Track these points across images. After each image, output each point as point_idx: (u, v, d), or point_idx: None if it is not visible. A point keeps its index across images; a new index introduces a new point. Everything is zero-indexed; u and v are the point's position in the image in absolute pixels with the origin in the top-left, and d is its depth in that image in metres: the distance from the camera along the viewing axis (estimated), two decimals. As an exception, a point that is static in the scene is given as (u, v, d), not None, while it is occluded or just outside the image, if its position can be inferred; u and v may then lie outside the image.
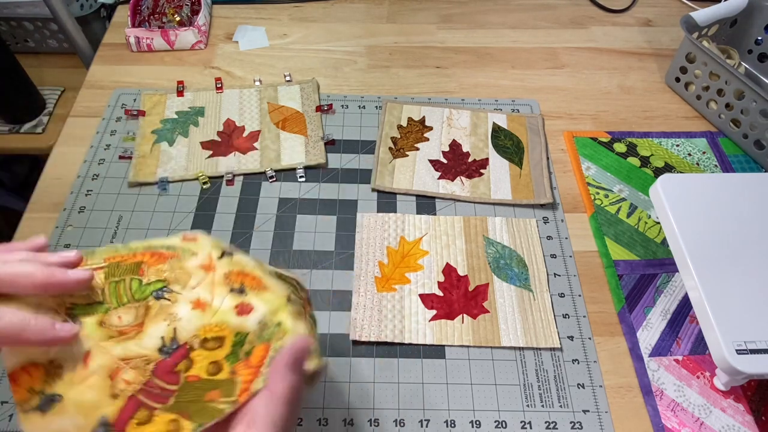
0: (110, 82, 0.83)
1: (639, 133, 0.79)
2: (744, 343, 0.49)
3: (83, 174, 0.71)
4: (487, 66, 0.88)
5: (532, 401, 0.55)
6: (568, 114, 0.81)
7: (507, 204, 0.70)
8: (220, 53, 0.88)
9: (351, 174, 0.73)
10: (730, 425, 0.54)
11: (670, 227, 0.57)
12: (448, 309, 0.61)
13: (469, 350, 0.58)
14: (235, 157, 0.74)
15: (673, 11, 0.99)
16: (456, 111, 0.80)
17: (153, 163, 0.72)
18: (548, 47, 0.92)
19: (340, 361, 0.57)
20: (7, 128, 1.03)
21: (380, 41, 0.91)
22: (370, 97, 0.82)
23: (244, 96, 0.81)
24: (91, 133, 0.76)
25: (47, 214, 0.67)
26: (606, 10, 0.99)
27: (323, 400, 0.55)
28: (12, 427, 0.52)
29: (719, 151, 0.77)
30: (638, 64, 0.89)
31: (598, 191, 0.72)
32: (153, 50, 0.87)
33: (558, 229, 0.68)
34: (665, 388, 0.56)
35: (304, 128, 0.77)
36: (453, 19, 0.96)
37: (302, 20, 0.95)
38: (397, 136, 0.76)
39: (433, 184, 0.71)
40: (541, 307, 0.61)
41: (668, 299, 0.62)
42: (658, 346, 0.59)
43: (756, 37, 0.85)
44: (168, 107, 0.79)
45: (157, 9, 0.91)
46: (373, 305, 0.60)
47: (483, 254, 0.65)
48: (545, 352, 0.58)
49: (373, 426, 0.53)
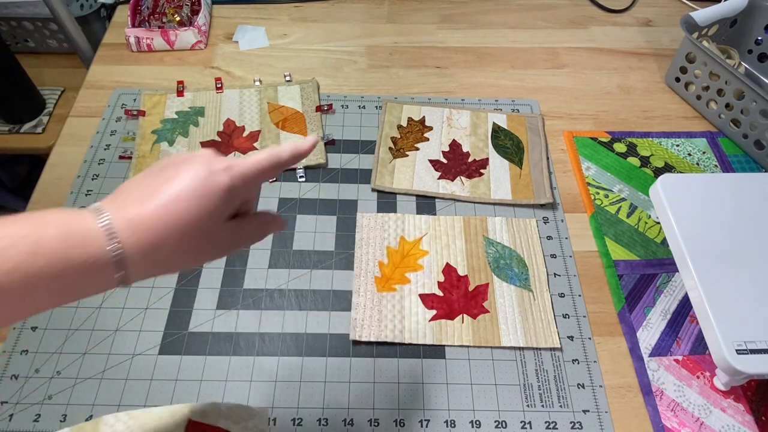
0: (110, 82, 0.83)
1: (639, 133, 0.79)
2: (744, 343, 0.49)
3: (83, 174, 0.71)
4: (487, 66, 0.88)
5: (532, 401, 0.55)
6: (568, 114, 0.81)
7: (507, 204, 0.70)
8: (220, 53, 0.88)
9: (351, 174, 0.73)
10: (730, 425, 0.54)
11: (670, 227, 0.57)
12: (448, 309, 0.61)
13: (469, 350, 0.58)
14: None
15: (673, 11, 0.99)
16: (456, 111, 0.80)
17: (153, 163, 0.72)
18: (548, 47, 0.92)
19: (340, 361, 0.57)
20: (7, 128, 1.03)
21: (380, 41, 0.91)
22: (370, 97, 0.82)
23: (244, 96, 0.81)
24: (91, 133, 0.76)
25: (47, 214, 0.67)
26: (606, 10, 0.99)
27: (323, 400, 0.55)
28: (12, 427, 0.52)
29: (719, 151, 0.77)
30: (638, 64, 0.89)
31: (598, 191, 0.72)
32: (153, 50, 0.88)
33: (558, 229, 0.68)
34: (665, 388, 0.56)
35: (304, 128, 0.77)
36: (453, 19, 0.96)
37: (302, 20, 0.95)
38: (397, 136, 0.76)
39: (433, 184, 0.71)
40: (541, 307, 0.61)
41: (668, 299, 0.62)
42: (658, 346, 0.59)
43: (756, 37, 0.85)
44: (168, 107, 0.79)
45: (157, 9, 0.91)
46: (373, 305, 0.60)
47: (483, 254, 0.65)
48: (545, 352, 0.58)
49: (373, 426, 0.53)
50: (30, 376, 0.55)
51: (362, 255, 0.65)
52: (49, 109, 1.06)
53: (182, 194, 0.34)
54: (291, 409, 0.54)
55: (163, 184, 0.34)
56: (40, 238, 0.29)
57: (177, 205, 0.33)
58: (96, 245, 0.31)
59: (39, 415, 0.53)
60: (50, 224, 0.30)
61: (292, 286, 0.63)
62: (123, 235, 0.32)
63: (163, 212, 0.33)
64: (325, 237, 0.67)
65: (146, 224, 0.32)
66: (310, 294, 0.62)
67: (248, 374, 0.56)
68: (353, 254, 0.65)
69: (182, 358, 0.57)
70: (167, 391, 0.55)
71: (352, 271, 0.64)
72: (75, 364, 0.56)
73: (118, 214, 0.32)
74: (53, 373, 0.55)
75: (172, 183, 0.34)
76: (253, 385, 0.56)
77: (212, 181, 0.35)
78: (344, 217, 0.68)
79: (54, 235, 0.30)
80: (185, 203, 0.34)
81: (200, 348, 0.58)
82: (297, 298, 0.62)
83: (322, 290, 0.62)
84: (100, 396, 0.54)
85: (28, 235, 0.29)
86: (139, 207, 0.33)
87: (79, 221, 0.31)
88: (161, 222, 0.33)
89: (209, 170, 0.35)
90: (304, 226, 0.68)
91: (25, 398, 0.54)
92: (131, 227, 0.32)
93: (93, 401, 0.54)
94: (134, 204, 0.33)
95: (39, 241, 0.29)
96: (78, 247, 0.30)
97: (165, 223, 0.33)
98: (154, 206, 0.33)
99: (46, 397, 0.54)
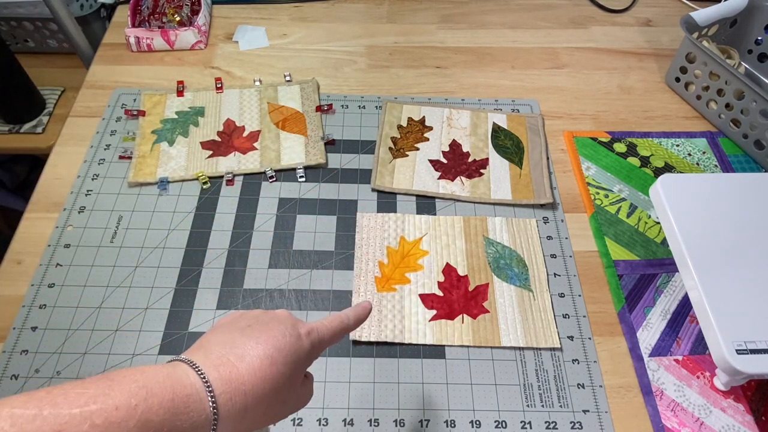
0: (110, 82, 0.83)
1: (639, 133, 0.79)
2: (744, 343, 0.49)
3: (83, 174, 0.71)
4: (487, 66, 0.88)
5: (532, 401, 0.55)
6: (568, 114, 0.81)
7: (507, 204, 0.70)
8: (220, 53, 0.88)
9: (351, 174, 0.73)
10: (730, 425, 0.54)
11: (670, 227, 0.57)
12: (448, 309, 0.61)
13: (469, 350, 0.58)
14: (235, 157, 0.74)
15: (673, 11, 0.99)
16: (456, 111, 0.80)
17: (153, 163, 0.72)
18: (548, 47, 0.92)
19: (340, 361, 0.57)
20: (7, 128, 1.03)
21: (380, 41, 0.91)
22: (370, 97, 0.82)
23: (244, 96, 0.81)
24: (91, 133, 0.76)
25: (47, 214, 0.67)
26: (606, 10, 0.99)
27: (323, 400, 0.55)
28: (12, 427, 0.52)
29: (719, 151, 0.77)
30: (638, 64, 0.89)
31: (598, 191, 0.72)
32: (153, 50, 0.87)
33: (558, 229, 0.68)
34: (665, 388, 0.56)
35: (304, 128, 0.77)
36: (453, 19, 0.96)
37: (302, 20, 0.95)
38: (397, 136, 0.76)
39: (433, 184, 0.71)
40: (541, 307, 0.61)
41: (668, 299, 0.62)
42: (658, 346, 0.59)
43: (756, 37, 0.85)
44: (168, 107, 0.79)
45: (157, 9, 0.91)
46: (373, 305, 0.60)
47: (483, 254, 0.65)
48: (545, 352, 0.58)
49: (373, 426, 0.53)
50: (30, 376, 0.55)
51: (362, 255, 0.65)
52: (49, 109, 1.06)
53: (276, 360, 0.34)
54: (291, 409, 0.54)
55: (254, 346, 0.34)
56: (149, 409, 0.28)
57: (271, 371, 0.34)
58: (200, 407, 0.30)
59: (39, 415, 0.53)
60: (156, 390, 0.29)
61: (292, 286, 0.63)
62: (221, 400, 0.31)
63: (257, 378, 0.33)
64: (325, 237, 0.67)
65: (242, 390, 0.32)
66: (310, 294, 0.62)
67: (248, 374, 0.56)
68: (353, 254, 0.65)
69: (182, 358, 0.57)
70: (167, 391, 0.55)
71: (352, 271, 0.64)
72: (75, 364, 0.56)
73: (215, 374, 0.32)
74: (53, 373, 0.55)
75: (264, 345, 0.34)
76: (253, 385, 0.55)
77: (299, 346, 0.36)
78: (344, 217, 0.68)
79: (161, 402, 0.29)
80: (278, 368, 0.34)
81: (200, 348, 0.58)
82: (297, 298, 0.62)
83: (322, 290, 0.62)
84: (100, 396, 0.54)
85: (138, 405, 0.28)
86: (235, 369, 0.32)
87: (181, 385, 0.30)
88: (255, 388, 0.33)
89: (296, 334, 0.36)
90: (304, 226, 0.68)
91: (25, 398, 0.54)
92: (228, 394, 0.32)
93: (93, 401, 0.54)
94: (228, 366, 0.32)
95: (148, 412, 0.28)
96: (184, 413, 0.29)
97: (258, 389, 0.33)
98: (248, 369, 0.33)
99: (46, 397, 0.54)
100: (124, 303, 0.61)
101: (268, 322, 0.36)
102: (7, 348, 0.57)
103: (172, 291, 0.62)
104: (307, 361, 0.37)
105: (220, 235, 0.66)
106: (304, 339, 0.37)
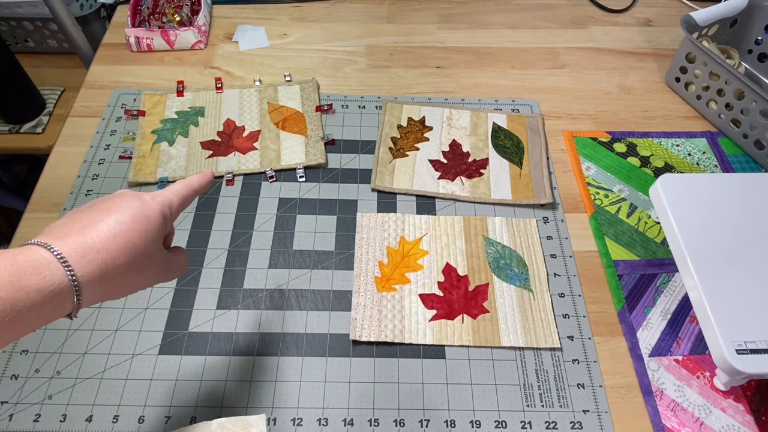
0: (110, 82, 0.83)
1: (639, 133, 0.79)
2: (744, 343, 0.49)
3: (83, 174, 0.71)
4: (487, 66, 0.88)
5: (532, 401, 0.55)
6: (568, 114, 0.81)
7: (507, 204, 0.70)
8: (220, 53, 0.88)
9: (351, 174, 0.73)
10: (730, 425, 0.54)
11: (670, 227, 0.57)
12: (448, 309, 0.61)
13: (469, 350, 0.58)
14: (235, 157, 0.74)
15: (673, 11, 0.99)
16: (456, 111, 0.80)
17: (153, 163, 0.72)
18: (548, 47, 0.92)
19: (340, 361, 0.57)
20: (7, 128, 1.03)
21: (380, 41, 0.91)
22: (370, 97, 0.82)
23: (244, 96, 0.81)
24: (91, 133, 0.76)
25: (47, 214, 0.67)
26: (606, 10, 0.99)
27: (323, 400, 0.55)
28: (12, 426, 0.52)
29: (719, 151, 0.77)
30: (638, 64, 0.89)
31: (598, 191, 0.72)
32: (153, 50, 0.88)
33: (558, 229, 0.68)
34: (665, 388, 0.56)
35: (304, 128, 0.77)
36: (453, 19, 0.96)
37: (302, 20, 0.95)
38: (397, 136, 0.76)
39: (433, 184, 0.71)
40: (541, 307, 0.61)
41: (668, 299, 0.62)
42: (658, 346, 0.59)
43: (756, 37, 0.85)
44: (168, 107, 0.79)
45: (157, 9, 0.91)
46: (373, 305, 0.60)
47: (483, 254, 0.65)
48: (545, 352, 0.58)
49: (373, 426, 0.53)
50: (30, 376, 0.55)
51: (362, 255, 0.65)
52: (49, 109, 1.06)
53: (123, 221, 0.37)
54: (291, 409, 0.54)
55: (99, 216, 0.36)
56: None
57: (121, 229, 0.36)
58: (52, 271, 0.32)
59: (39, 415, 0.53)
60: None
61: (292, 286, 0.63)
62: (73, 260, 0.34)
63: (108, 238, 0.35)
64: (325, 237, 0.67)
65: (95, 249, 0.34)
66: (310, 294, 0.62)
67: (248, 374, 0.56)
68: (353, 254, 0.65)
69: (182, 358, 0.57)
70: (167, 391, 0.55)
71: (352, 271, 0.64)
72: (75, 364, 0.56)
73: (61, 244, 0.34)
74: (53, 373, 0.55)
75: (110, 214, 0.37)
76: (252, 385, 0.56)
77: (147, 208, 0.39)
78: (344, 217, 0.68)
79: (4, 268, 0.31)
80: (127, 227, 0.37)
81: (200, 348, 0.58)
82: (297, 298, 0.62)
83: (322, 290, 0.62)
84: (100, 396, 0.54)
85: None
86: (82, 236, 0.35)
87: (25, 255, 0.32)
88: (108, 246, 0.35)
89: (141, 200, 0.39)
90: (304, 226, 0.68)
91: (25, 398, 0.54)
92: (80, 253, 0.34)
93: (93, 401, 0.54)
94: (75, 235, 0.35)
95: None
96: (33, 275, 0.31)
97: (112, 246, 0.35)
98: (98, 234, 0.35)
99: (46, 397, 0.54)
100: (124, 303, 0.60)
101: (110, 198, 0.39)
102: (7, 348, 0.57)
103: (172, 291, 0.62)
104: (159, 225, 0.39)
105: (220, 235, 0.66)
106: (150, 201, 0.39)
